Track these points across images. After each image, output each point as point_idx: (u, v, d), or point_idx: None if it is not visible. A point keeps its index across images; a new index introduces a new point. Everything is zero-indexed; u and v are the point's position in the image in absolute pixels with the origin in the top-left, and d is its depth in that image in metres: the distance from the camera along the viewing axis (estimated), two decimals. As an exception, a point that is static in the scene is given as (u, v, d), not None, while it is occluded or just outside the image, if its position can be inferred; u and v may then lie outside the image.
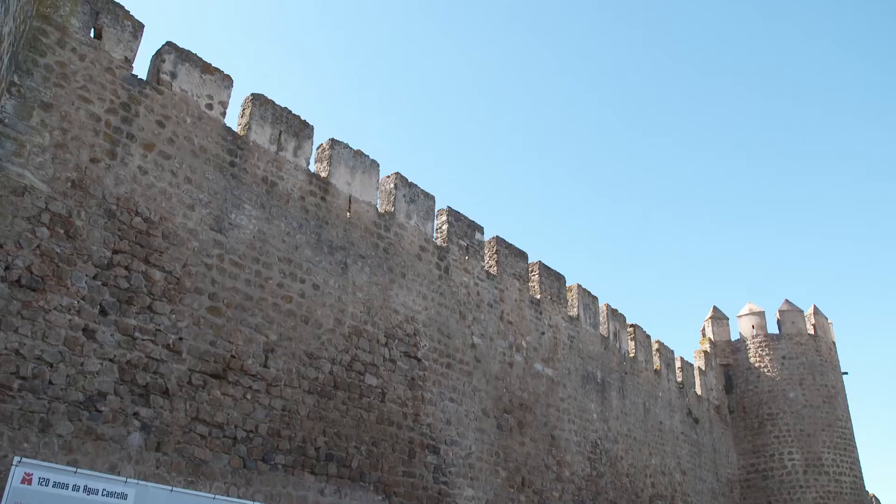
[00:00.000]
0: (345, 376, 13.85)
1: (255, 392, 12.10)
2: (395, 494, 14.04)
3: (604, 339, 23.19)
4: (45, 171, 10.18)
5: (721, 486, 28.41)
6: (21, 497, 7.78)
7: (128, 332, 10.53)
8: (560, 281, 21.85)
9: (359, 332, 14.47)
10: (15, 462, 7.89)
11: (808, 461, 29.20)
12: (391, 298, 15.50)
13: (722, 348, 31.98)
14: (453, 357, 16.75)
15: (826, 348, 31.80)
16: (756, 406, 30.59)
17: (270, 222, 13.37)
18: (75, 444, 9.52)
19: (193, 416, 11.06)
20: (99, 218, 10.63)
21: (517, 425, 18.12)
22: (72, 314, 9.92)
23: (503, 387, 18.06)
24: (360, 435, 13.74)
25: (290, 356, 12.92)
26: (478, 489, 16.20)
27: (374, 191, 15.99)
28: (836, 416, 30.37)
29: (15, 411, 9.03)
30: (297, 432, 12.57)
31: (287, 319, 13.10)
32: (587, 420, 21.06)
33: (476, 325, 17.79)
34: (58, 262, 9.95)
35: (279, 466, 12.09)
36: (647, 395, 24.75)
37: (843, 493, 28.97)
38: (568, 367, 20.89)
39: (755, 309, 32.25)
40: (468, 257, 18.18)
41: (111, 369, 10.18)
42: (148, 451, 10.31)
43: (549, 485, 18.58)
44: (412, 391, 15.26)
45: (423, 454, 15.02)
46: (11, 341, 9.19)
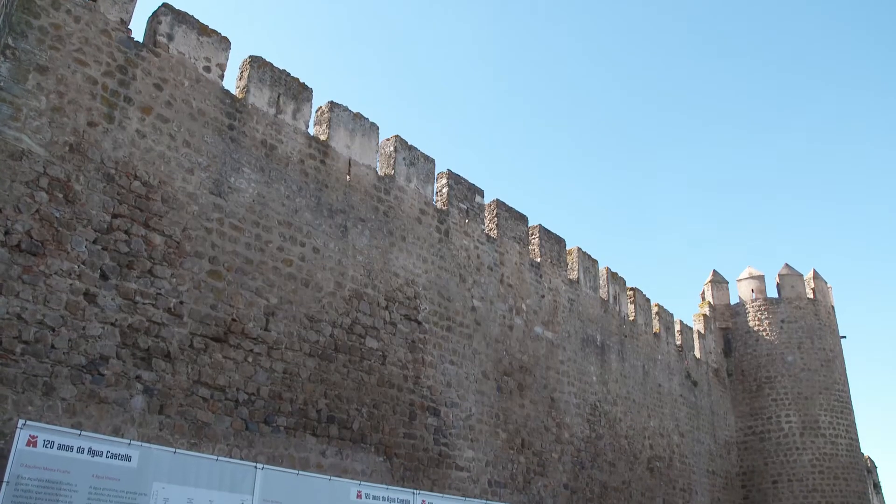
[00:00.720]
0: (345, 339, 13.93)
1: (256, 355, 12.18)
2: (395, 456, 14.21)
3: (603, 302, 23.27)
4: (42, 135, 10.12)
5: (718, 447, 28.74)
6: (27, 459, 7.87)
7: (129, 296, 10.56)
8: (560, 244, 21.86)
9: (359, 295, 14.51)
10: (20, 425, 7.96)
11: (804, 423, 29.49)
12: (391, 262, 15.52)
13: (721, 312, 32.10)
14: (453, 320, 16.82)
15: (825, 312, 31.92)
16: (754, 369, 30.81)
17: (270, 186, 13.33)
18: (79, 407, 9.61)
19: (195, 379, 11.15)
20: (98, 182, 10.60)
21: (517, 388, 18.27)
22: (72, 278, 9.94)
23: (503, 349, 18.17)
24: (361, 397, 13.87)
25: (290, 319, 12.98)
26: (478, 450, 16.40)
27: (373, 154, 15.91)
28: (834, 380, 30.61)
29: (18, 375, 9.10)
30: (298, 395, 12.68)
31: (287, 283, 13.13)
32: (586, 382, 21.23)
33: (476, 288, 17.84)
34: (57, 226, 9.94)
35: (281, 428, 12.22)
36: (647, 358, 24.91)
37: (839, 455, 29.32)
38: (568, 330, 21.00)
39: (755, 273, 32.30)
40: (468, 220, 18.16)
41: (113, 333, 10.24)
42: (151, 413, 10.41)
43: (548, 446, 18.80)
44: (412, 354, 15.36)
45: (423, 416, 15.17)
46: (13, 306, 9.22)
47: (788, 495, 28.71)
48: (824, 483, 28.61)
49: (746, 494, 29.55)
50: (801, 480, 28.72)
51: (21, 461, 7.83)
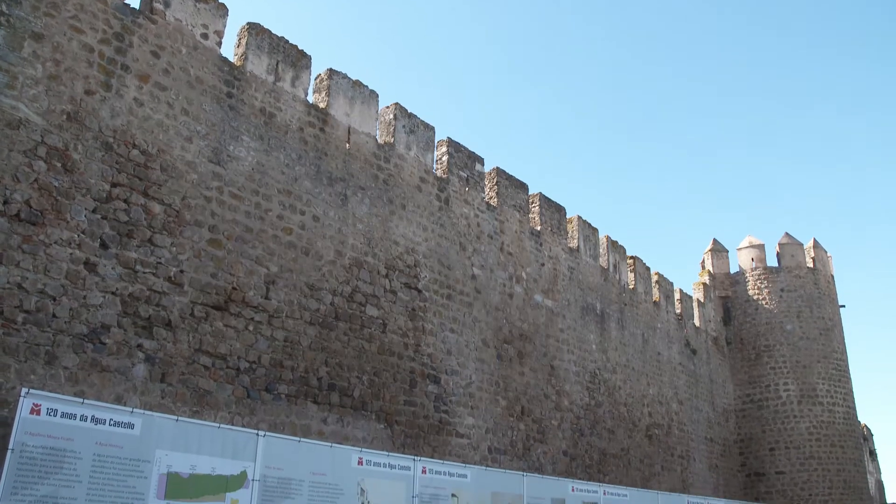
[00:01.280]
0: (346, 307, 13.96)
1: (256, 323, 12.22)
2: (396, 423, 14.33)
3: (603, 270, 23.30)
4: (39, 103, 10.04)
5: (717, 415, 28.97)
6: (31, 427, 7.91)
7: (129, 265, 10.56)
8: (560, 212, 21.82)
9: (359, 263, 14.52)
10: (23, 393, 7.99)
11: (802, 392, 29.70)
12: (391, 230, 15.51)
13: (721, 280, 32.15)
14: (453, 288, 16.86)
15: (824, 281, 31.97)
16: (753, 338, 30.94)
17: (269, 154, 13.27)
18: (81, 375, 9.67)
19: (196, 347, 11.20)
20: (96, 151, 10.54)
21: (517, 355, 18.37)
22: (72, 248, 9.93)
23: (503, 317, 18.23)
24: (362, 365, 13.94)
25: (291, 288, 13.00)
26: (478, 418, 16.53)
27: (373, 122, 15.82)
28: (832, 348, 30.76)
29: (20, 344, 9.14)
30: (299, 363, 12.75)
31: (287, 251, 13.13)
32: (586, 350, 21.33)
33: (476, 257, 17.85)
34: (56, 195, 9.90)
35: (282, 396, 12.30)
36: (646, 327, 25.01)
37: (836, 423, 29.58)
38: (567, 298, 21.05)
39: (755, 242, 32.29)
40: (468, 188, 18.11)
41: (113, 302, 10.26)
42: (153, 382, 10.47)
43: (548, 413, 18.95)
44: (413, 322, 15.41)
45: (423, 384, 15.26)
46: (13, 275, 9.22)
47: (785, 462, 29.03)
48: (821, 450, 28.90)
49: (744, 461, 29.87)
50: (797, 448, 29.01)
51: (25, 429, 7.87)
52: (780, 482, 28.91)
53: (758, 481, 29.34)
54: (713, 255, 32.68)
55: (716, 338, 30.63)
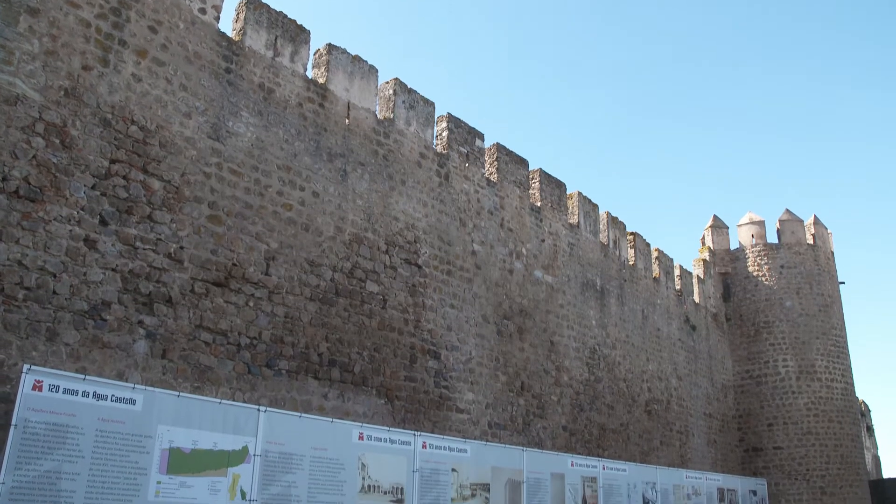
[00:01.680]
0: (346, 283, 13.98)
1: (257, 300, 12.24)
2: (397, 398, 14.41)
3: (603, 246, 23.30)
4: (36, 79, 9.97)
5: (716, 391, 29.12)
6: (33, 403, 7.96)
7: (129, 241, 10.56)
8: (561, 188, 21.78)
9: (359, 239, 14.52)
10: (25, 370, 8.03)
11: (801, 368, 29.82)
12: (391, 206, 15.49)
13: (721, 257, 32.15)
14: (454, 264, 16.87)
15: (824, 258, 31.98)
16: (753, 314, 31.00)
17: (268, 130, 13.21)
18: (82, 352, 9.70)
19: (197, 323, 11.23)
20: (94, 127, 10.49)
21: (517, 331, 18.42)
22: (72, 224, 9.91)
23: (503, 293, 18.26)
24: (362, 341, 13.99)
25: (291, 264, 13.01)
26: (478, 393, 16.62)
27: (372, 97, 15.73)
28: (831, 325, 30.84)
29: (22, 321, 9.16)
30: (299, 339, 12.79)
31: (287, 227, 13.12)
32: (586, 326, 21.40)
33: (476, 233, 17.84)
34: (55, 172, 9.87)
35: (283, 372, 12.36)
36: (646, 303, 25.06)
37: (834, 399, 29.74)
38: (567, 274, 21.07)
39: (755, 218, 32.25)
40: (468, 164, 18.06)
41: (114, 279, 10.27)
42: (154, 358, 10.51)
43: (547, 389, 19.04)
44: (413, 298, 15.44)
45: (424, 359, 15.33)
46: (13, 252, 9.22)
47: (783, 437, 29.23)
48: (819, 425, 29.10)
49: (742, 437, 30.09)
50: (796, 423, 29.20)
51: (28, 405, 7.92)
52: (778, 457, 29.13)
53: (755, 456, 29.57)
54: (713, 231, 32.65)
55: (715, 314, 30.70)
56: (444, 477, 12.80)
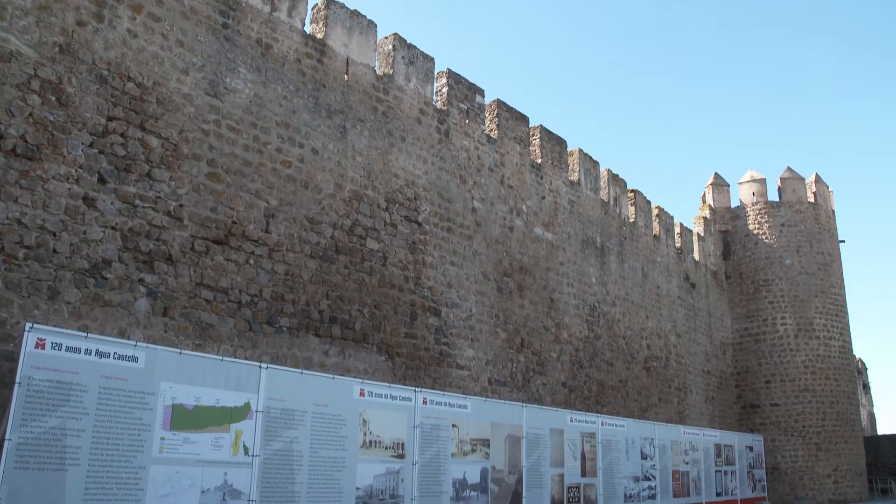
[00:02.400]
0: (346, 241, 13.98)
1: (257, 257, 12.25)
2: (397, 355, 14.51)
3: (604, 204, 23.25)
4: (30, 35, 9.82)
5: (714, 348, 29.33)
6: (36, 361, 8.01)
7: (128, 199, 10.52)
8: (561, 145, 21.65)
9: (359, 196, 14.47)
10: (27, 328, 8.06)
11: (799, 326, 29.98)
12: (391, 163, 15.40)
13: (721, 215, 32.09)
14: (454, 221, 16.85)
15: (825, 216, 31.93)
16: (752, 272, 31.06)
17: (267, 86, 13.07)
18: (84, 310, 9.73)
19: (198, 281, 11.25)
20: (91, 84, 10.36)
21: (517, 288, 18.48)
22: (70, 183, 9.87)
23: (503, 251, 18.28)
24: (363, 298, 14.03)
25: (291, 221, 12.99)
26: (478, 350, 16.73)
27: (371, 53, 15.54)
28: (830, 283, 30.92)
29: (23, 280, 9.17)
30: (300, 296, 12.83)
31: (287, 185, 13.07)
32: (586, 284, 21.45)
33: (476, 190, 17.78)
34: (52, 130, 9.78)
35: (284, 329, 12.42)
36: (646, 260, 25.09)
37: (832, 357, 29.96)
38: (568, 231, 21.06)
39: (756, 176, 32.10)
40: (468, 121, 17.92)
41: (114, 237, 10.25)
42: (155, 315, 10.55)
43: (547, 346, 19.17)
44: (413, 255, 15.45)
45: (424, 316, 15.40)
46: (12, 211, 9.19)
47: (780, 394, 29.53)
48: (815, 383, 29.37)
49: (740, 393, 30.38)
50: (793, 380, 29.47)
51: (31, 363, 7.97)
52: (775, 414, 29.47)
53: (753, 413, 29.91)
54: (714, 189, 32.53)
55: (715, 272, 30.77)
56: (445, 432, 12.95)
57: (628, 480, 18.06)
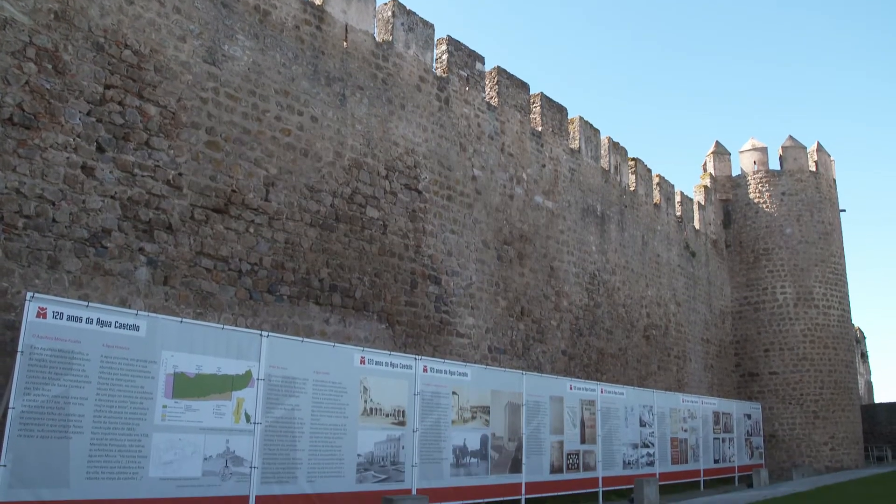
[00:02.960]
0: (346, 209, 13.95)
1: (257, 226, 12.23)
2: (398, 323, 14.55)
3: (604, 172, 23.16)
4: (24, 1, 9.67)
5: (714, 317, 29.42)
6: (38, 330, 8.05)
7: (127, 168, 10.47)
8: (562, 113, 21.52)
9: (359, 164, 14.42)
10: (28, 297, 8.09)
11: (799, 295, 30.05)
12: (391, 130, 15.32)
13: (722, 183, 32.00)
14: (454, 189, 16.80)
15: (826, 185, 31.83)
16: (752, 241, 31.06)
17: (265, 53, 12.95)
18: (84, 279, 9.74)
19: (198, 250, 11.24)
20: (87, 52, 10.26)
21: (517, 256, 18.49)
22: (69, 152, 9.81)
23: (503, 219, 18.25)
24: (363, 266, 14.05)
25: (290, 189, 12.95)
26: (478, 318, 16.78)
27: (371, 19, 15.37)
28: (830, 252, 30.93)
29: (23, 249, 9.16)
30: (300, 264, 12.84)
31: (286, 153, 13.01)
32: (586, 252, 21.46)
33: (477, 158, 17.71)
34: (49, 98, 9.70)
35: (284, 297, 12.44)
36: (646, 229, 25.07)
37: (830, 326, 30.08)
38: (568, 199, 21.01)
39: (758, 144, 31.94)
40: (468, 88, 17.79)
41: (113, 206, 10.22)
42: (156, 284, 10.56)
43: (547, 314, 19.23)
44: (413, 223, 15.43)
45: (424, 284, 15.42)
46: (11, 180, 9.15)
47: (779, 363, 29.69)
48: (814, 352, 29.52)
49: (738, 362, 30.55)
50: (791, 349, 29.61)
51: (33, 332, 8.01)
52: (773, 382, 29.66)
53: (751, 381, 30.10)
54: (715, 157, 32.39)
55: (715, 241, 30.76)
56: (445, 400, 13.06)
57: (627, 447, 18.25)
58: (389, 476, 11.73)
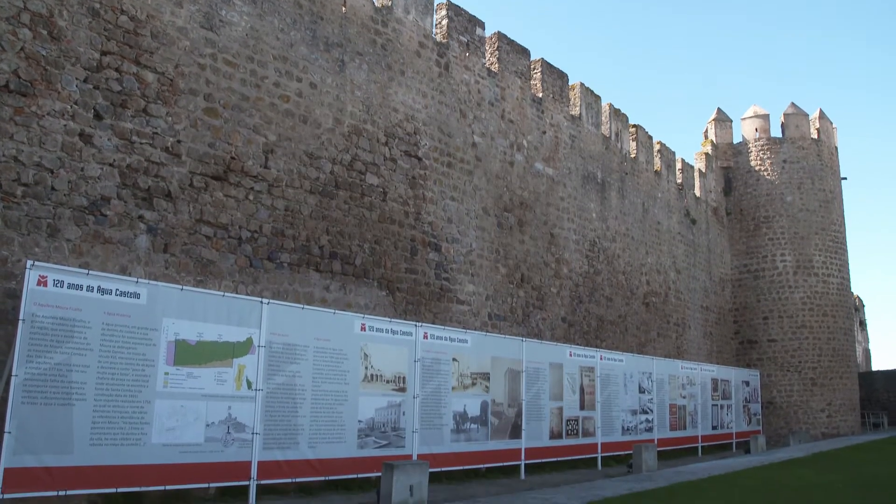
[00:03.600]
0: (346, 176, 13.90)
1: (257, 193, 12.19)
2: (398, 290, 14.58)
3: (605, 139, 23.04)
4: (18, -36, 9.54)
5: (713, 284, 29.48)
6: (39, 298, 8.06)
7: (125, 135, 10.40)
8: (563, 79, 21.34)
9: (358, 131, 14.33)
10: (28, 266, 8.08)
11: (798, 262, 30.08)
12: (390, 97, 15.20)
13: (723, 151, 31.85)
14: (454, 156, 16.73)
15: (827, 153, 31.68)
16: (753, 209, 31.01)
17: (263, 19, 12.79)
18: (84, 247, 9.72)
19: (198, 217, 11.21)
20: (82, 17, 10.12)
21: (517, 223, 18.46)
22: (66, 119, 9.73)
23: (503, 186, 18.20)
24: (363, 233, 14.03)
25: (290, 156, 12.89)
26: (478, 285, 16.81)
27: (370, -17, 15.16)
28: (831, 220, 30.90)
29: (22, 217, 9.13)
30: (300, 231, 12.82)
31: (285, 119, 12.92)
32: (586, 219, 21.43)
33: (477, 124, 17.60)
34: (45, 65, 9.59)
35: (284, 265, 12.45)
36: (647, 196, 25.01)
37: (830, 294, 30.15)
38: (568, 166, 20.93)
39: (759, 112, 31.73)
40: (468, 54, 17.62)
41: (112, 174, 10.17)
42: (156, 252, 10.55)
43: (547, 281, 19.26)
44: (413, 190, 15.39)
45: (424, 251, 15.42)
46: (8, 148, 9.08)
47: (777, 330, 29.82)
48: (813, 319, 29.63)
49: (737, 329, 30.68)
50: (791, 317, 29.72)
51: (34, 300, 8.02)
52: (772, 349, 29.82)
53: (750, 348, 30.26)
54: (717, 124, 32.20)
55: (716, 208, 30.71)
56: (445, 366, 13.14)
57: (626, 414, 18.40)
58: (390, 442, 11.84)
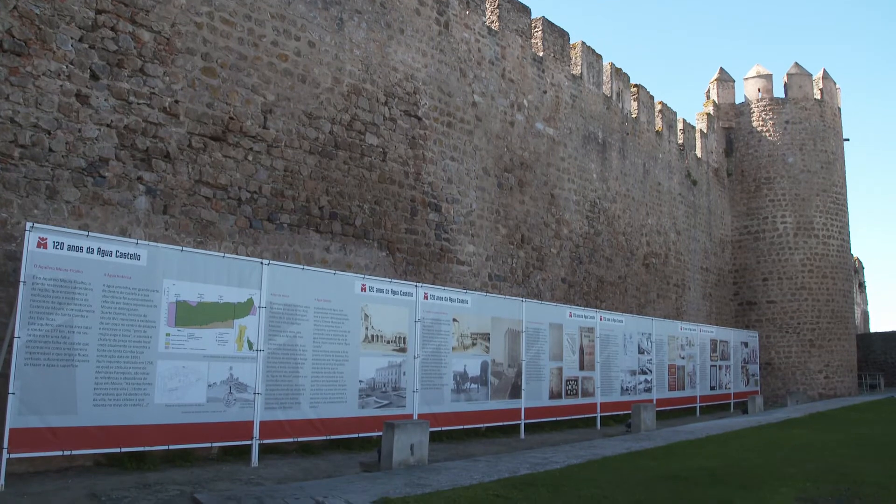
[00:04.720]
0: (345, 136, 13.80)
1: (256, 153, 12.11)
2: (398, 251, 14.58)
3: (606, 98, 22.85)
4: (11, -81, 9.36)
5: (714, 245, 29.49)
6: (39, 260, 8.06)
7: (122, 96, 10.29)
8: (564, 38, 21.08)
9: (357, 90, 14.19)
10: (28, 228, 8.06)
11: (799, 224, 30.05)
12: (389, 56, 15.03)
13: (725, 111, 31.60)
14: (454, 116, 16.60)
15: (830, 114, 31.43)
16: (754, 170, 30.88)
17: (260, -24, 12.58)
18: (84, 209, 9.69)
19: (197, 178, 11.15)
20: (77, -27, 9.95)
21: (517, 184, 18.40)
22: (62, 79, 9.62)
23: (504, 146, 18.09)
24: (363, 194, 13.98)
25: (289, 116, 12.78)
26: (478, 245, 16.81)
27: (369, -61, 14.88)
28: (832, 182, 30.78)
29: (20, 179, 9.07)
30: (300, 192, 12.77)
31: (284, 79, 12.79)
32: (587, 180, 21.35)
33: (477, 83, 17.44)
34: (39, 24, 9.44)
35: (284, 225, 12.42)
36: (648, 157, 24.88)
37: (830, 256, 30.17)
38: (569, 126, 20.78)
39: (762, 72, 31.38)
40: (468, 12, 17.37)
41: (110, 135, 10.09)
42: (155, 213, 10.52)
43: (547, 241, 19.25)
44: (413, 150, 15.30)
45: (424, 212, 15.39)
46: (4, 109, 8.98)
47: (777, 292, 29.91)
48: (812, 281, 29.70)
49: (737, 290, 30.77)
50: (790, 278, 29.78)
51: (34, 262, 8.02)
52: (771, 311, 29.94)
53: (749, 310, 30.38)
54: (719, 84, 31.90)
55: (717, 169, 30.57)
56: (446, 327, 13.19)
57: (625, 374, 18.54)
58: (391, 402, 11.93)
